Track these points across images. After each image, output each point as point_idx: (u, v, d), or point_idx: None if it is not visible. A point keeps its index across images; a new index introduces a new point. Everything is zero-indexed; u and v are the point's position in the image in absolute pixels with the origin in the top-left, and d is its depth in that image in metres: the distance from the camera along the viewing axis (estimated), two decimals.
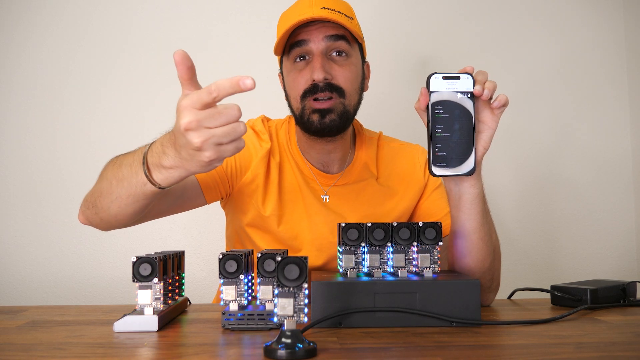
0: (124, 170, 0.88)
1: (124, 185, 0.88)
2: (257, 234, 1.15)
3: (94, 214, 0.98)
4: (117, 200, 0.90)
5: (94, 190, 0.97)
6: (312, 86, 1.09)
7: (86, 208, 1.00)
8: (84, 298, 1.75)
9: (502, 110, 0.93)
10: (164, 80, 1.78)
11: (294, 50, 1.11)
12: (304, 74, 1.10)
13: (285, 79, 1.16)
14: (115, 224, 0.98)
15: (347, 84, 1.11)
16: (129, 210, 0.92)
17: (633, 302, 1.02)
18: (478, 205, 0.96)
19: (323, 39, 1.09)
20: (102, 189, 0.94)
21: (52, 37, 1.80)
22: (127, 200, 0.89)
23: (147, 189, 0.84)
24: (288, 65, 1.14)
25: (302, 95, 1.10)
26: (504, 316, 0.94)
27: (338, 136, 1.15)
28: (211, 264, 1.77)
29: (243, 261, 0.83)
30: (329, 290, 0.84)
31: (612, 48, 1.90)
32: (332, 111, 1.09)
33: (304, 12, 1.08)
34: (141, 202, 0.89)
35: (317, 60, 1.09)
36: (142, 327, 0.82)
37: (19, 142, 1.78)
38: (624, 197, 1.87)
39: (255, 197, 1.14)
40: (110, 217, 0.95)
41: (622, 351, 0.70)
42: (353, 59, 1.13)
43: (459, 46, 1.86)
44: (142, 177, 0.83)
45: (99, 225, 1.01)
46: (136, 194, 0.87)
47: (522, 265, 1.83)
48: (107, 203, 0.92)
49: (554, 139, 1.88)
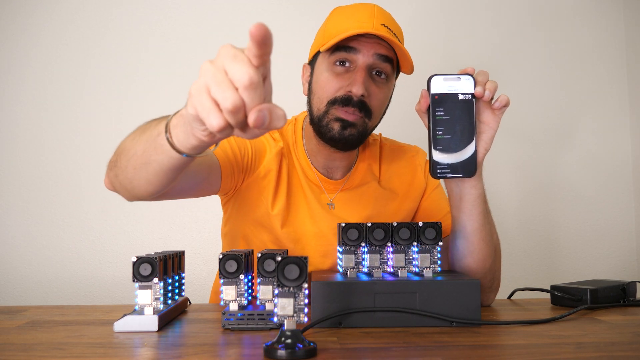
0: (154, 122, 0.81)
1: (142, 138, 0.79)
2: (260, 233, 1.14)
3: (114, 176, 0.89)
4: (133, 158, 0.82)
5: (117, 149, 0.89)
6: (346, 97, 1.06)
7: (109, 169, 0.91)
8: (84, 298, 1.75)
9: (503, 111, 0.92)
10: (166, 78, 1.79)
11: (340, 53, 1.07)
12: (340, 80, 1.07)
13: (317, 76, 1.11)
14: (135, 192, 0.88)
15: (378, 106, 1.09)
16: (142, 175, 0.82)
17: (633, 302, 1.02)
18: (479, 206, 0.96)
19: (373, 55, 1.06)
20: (124, 147, 0.86)
21: (45, 40, 1.80)
22: (141, 158, 0.79)
23: (158, 142, 0.74)
24: (325, 64, 1.09)
25: (331, 101, 1.07)
26: (504, 316, 0.94)
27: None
28: (211, 264, 1.77)
29: (243, 261, 0.83)
30: (329, 290, 0.84)
31: (612, 50, 1.90)
32: (354, 126, 1.07)
33: (365, 23, 1.05)
34: (151, 164, 0.78)
35: (360, 74, 1.05)
36: (142, 327, 0.82)
37: (19, 142, 1.78)
38: (624, 197, 1.87)
39: (266, 194, 1.12)
40: (126, 180, 0.86)
41: (622, 351, 0.70)
42: (390, 83, 1.12)
43: (457, 47, 1.86)
44: (161, 125, 0.73)
45: (120, 190, 0.92)
46: (148, 150, 0.77)
47: (522, 265, 1.83)
48: (125, 161, 0.84)
49: (554, 139, 1.88)
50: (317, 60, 1.12)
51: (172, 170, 0.78)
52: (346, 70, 1.08)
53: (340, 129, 1.07)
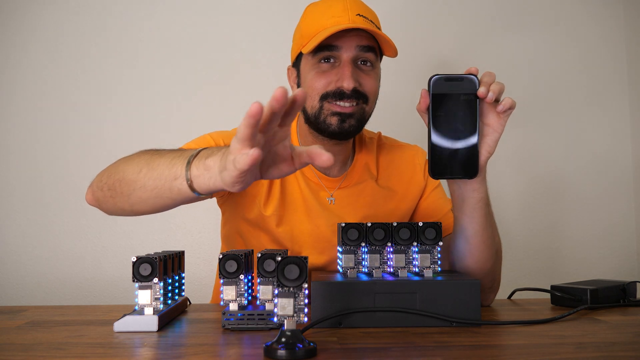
0: (161, 160, 0.84)
1: (153, 175, 0.84)
2: (257, 233, 1.15)
3: (108, 197, 0.93)
4: (140, 190, 0.86)
5: (115, 173, 0.92)
6: (338, 92, 1.07)
7: (99, 189, 0.94)
8: (84, 298, 1.75)
9: (508, 114, 0.90)
10: (165, 83, 1.79)
11: (322, 52, 1.07)
12: (328, 76, 1.08)
13: (304, 77, 1.12)
14: (128, 213, 0.94)
15: (372, 92, 1.10)
16: (149, 203, 0.87)
17: (633, 302, 1.02)
18: (481, 209, 0.96)
19: (355, 48, 1.07)
20: (126, 175, 0.89)
21: (41, 40, 1.80)
22: (152, 193, 0.85)
23: (175, 185, 0.80)
24: (309, 64, 1.10)
25: (322, 95, 1.08)
26: (504, 316, 0.94)
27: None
28: (211, 264, 1.77)
29: (243, 261, 0.83)
30: (329, 290, 0.84)
31: (612, 50, 1.90)
32: (352, 116, 1.08)
33: (339, 16, 1.05)
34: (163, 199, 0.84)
35: (347, 68, 1.06)
36: (142, 327, 0.82)
37: (19, 143, 1.78)
38: (624, 197, 1.87)
39: (259, 197, 1.13)
40: (126, 204, 0.90)
41: (622, 351, 0.70)
42: (377, 69, 1.13)
43: (459, 46, 1.86)
44: (178, 169, 0.80)
45: (109, 209, 0.96)
46: (161, 189, 0.83)
47: (522, 265, 1.83)
48: (129, 190, 0.88)
49: (554, 140, 1.88)
50: (302, 61, 1.13)
51: (183, 202, 0.86)
52: (332, 65, 1.08)
53: (338, 122, 1.08)
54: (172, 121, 1.80)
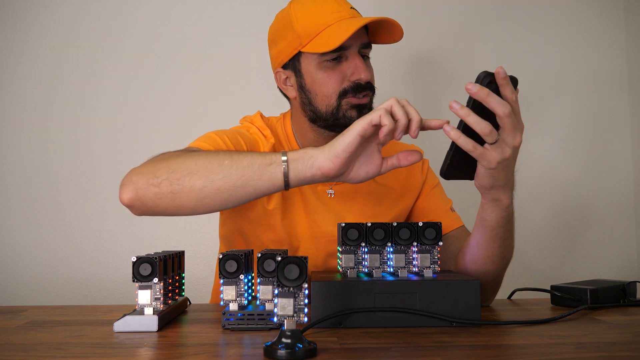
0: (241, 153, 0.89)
1: (241, 164, 0.86)
2: (258, 231, 1.15)
3: (166, 194, 0.87)
4: (220, 181, 0.86)
5: (181, 168, 0.88)
6: (356, 85, 1.09)
7: (149, 186, 0.88)
8: (84, 298, 1.75)
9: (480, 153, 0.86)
10: (160, 81, 1.79)
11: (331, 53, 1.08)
12: (340, 72, 1.09)
13: (311, 77, 1.11)
14: (186, 211, 0.90)
15: (374, 81, 1.14)
16: (222, 198, 0.87)
17: (633, 302, 1.02)
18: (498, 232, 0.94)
19: (359, 45, 1.10)
20: (200, 168, 0.87)
21: (53, 38, 1.80)
22: (236, 181, 0.86)
23: (268, 170, 0.85)
24: (314, 63, 1.10)
25: (341, 92, 1.09)
26: (504, 316, 0.94)
27: None
28: (211, 264, 1.77)
29: (243, 261, 0.83)
30: (329, 290, 0.84)
31: (612, 50, 1.90)
32: (367, 107, 1.11)
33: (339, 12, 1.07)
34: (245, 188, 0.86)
35: (359, 60, 1.09)
36: (142, 327, 0.82)
37: (18, 143, 1.78)
38: (624, 197, 1.87)
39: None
40: (191, 201, 0.88)
41: (622, 351, 0.70)
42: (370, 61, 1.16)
43: (458, 45, 1.86)
44: (273, 156, 0.86)
45: (159, 207, 0.90)
46: (250, 176, 0.85)
47: (522, 265, 1.83)
48: (203, 183, 0.86)
49: (553, 140, 1.88)
50: (302, 62, 1.12)
51: (262, 194, 0.88)
52: (338, 62, 1.10)
53: (357, 114, 1.09)
54: (173, 121, 1.79)
